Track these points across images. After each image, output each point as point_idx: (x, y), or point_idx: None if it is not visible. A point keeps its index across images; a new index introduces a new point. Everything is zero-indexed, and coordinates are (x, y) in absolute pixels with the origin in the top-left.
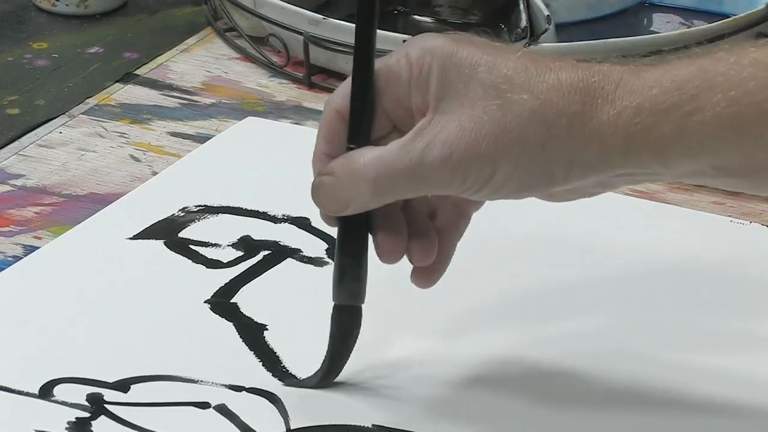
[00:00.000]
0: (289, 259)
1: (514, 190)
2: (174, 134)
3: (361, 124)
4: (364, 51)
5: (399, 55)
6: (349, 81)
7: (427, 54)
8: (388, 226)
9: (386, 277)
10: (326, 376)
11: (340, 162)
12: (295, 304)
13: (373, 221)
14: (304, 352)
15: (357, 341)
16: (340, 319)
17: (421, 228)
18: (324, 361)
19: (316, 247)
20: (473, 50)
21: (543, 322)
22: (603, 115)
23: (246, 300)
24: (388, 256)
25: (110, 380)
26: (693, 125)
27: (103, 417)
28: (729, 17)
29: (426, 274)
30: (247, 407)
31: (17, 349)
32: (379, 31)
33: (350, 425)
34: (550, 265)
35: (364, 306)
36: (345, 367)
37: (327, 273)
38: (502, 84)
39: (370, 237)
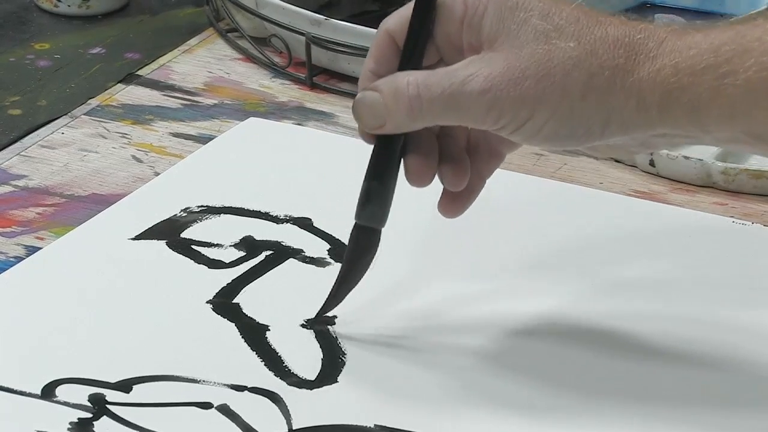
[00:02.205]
0: (291, 260)
1: (550, 138)
2: (176, 135)
3: (414, 52)
4: None
5: None
6: (407, 6)
7: None
8: (420, 149)
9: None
10: (333, 297)
11: (386, 80)
12: (297, 305)
13: (407, 143)
14: (306, 353)
15: (369, 268)
16: (358, 239)
17: (455, 154)
18: (335, 281)
19: (318, 248)
20: None
21: (542, 323)
22: (643, 71)
23: (248, 300)
24: (416, 177)
25: (112, 380)
26: (725, 88)
27: (105, 417)
28: (731, 17)
29: (453, 202)
30: (250, 407)
31: (19, 350)
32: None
33: (353, 425)
34: (550, 266)
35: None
36: (347, 365)
37: (329, 273)
38: (552, 31)
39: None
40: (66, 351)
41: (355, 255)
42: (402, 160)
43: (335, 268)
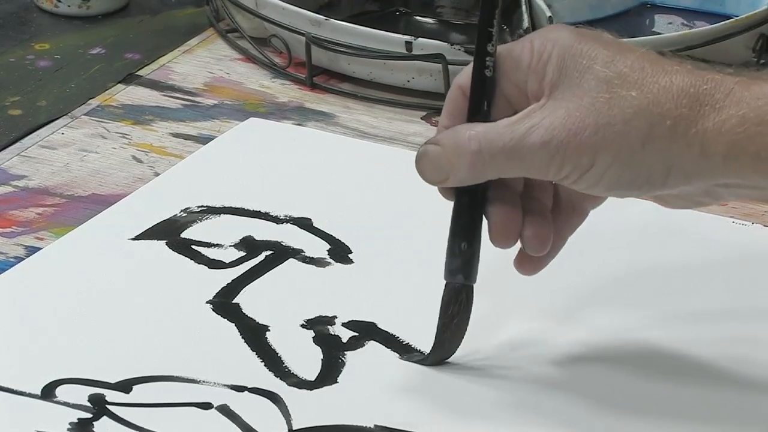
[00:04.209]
0: (291, 260)
1: (612, 186)
2: (176, 135)
3: (479, 103)
4: (482, 33)
5: (523, 42)
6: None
7: (549, 42)
8: (503, 209)
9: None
10: (432, 355)
11: (448, 133)
12: (297, 305)
13: (489, 203)
14: (306, 353)
15: (467, 323)
16: (449, 296)
17: (539, 216)
18: (435, 339)
19: (318, 248)
20: (594, 44)
21: (540, 323)
22: (708, 121)
23: (248, 300)
24: (500, 238)
25: (112, 381)
26: None
27: (105, 418)
28: (731, 18)
29: (531, 261)
30: (249, 407)
31: (19, 350)
32: (380, 32)
33: (352, 425)
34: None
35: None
36: (347, 366)
37: (329, 274)
38: (614, 79)
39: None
40: (66, 351)
41: (447, 315)
42: (486, 218)
43: (335, 268)
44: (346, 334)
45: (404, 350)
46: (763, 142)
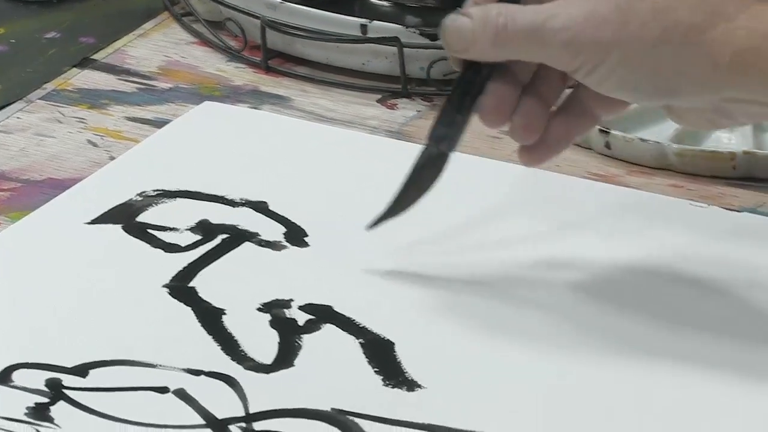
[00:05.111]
0: (247, 243)
1: (621, 85)
2: (132, 119)
3: None
4: None
5: None
6: None
7: None
8: (501, 91)
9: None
10: (387, 213)
11: (479, 7)
12: (253, 288)
13: (490, 82)
14: (263, 336)
15: (428, 191)
16: (424, 157)
17: (534, 108)
18: (393, 196)
19: (274, 231)
20: None
21: (503, 304)
22: (718, 31)
23: (204, 284)
24: (488, 117)
25: (69, 365)
26: None
27: (62, 402)
28: None
29: (531, 152)
30: (206, 391)
31: None
32: (335, 15)
33: (309, 409)
34: (503, 249)
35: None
36: (303, 349)
37: (285, 257)
38: None
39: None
40: (22, 336)
41: (417, 174)
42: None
43: (291, 251)
44: (302, 318)
45: (360, 333)
46: (767, 56)
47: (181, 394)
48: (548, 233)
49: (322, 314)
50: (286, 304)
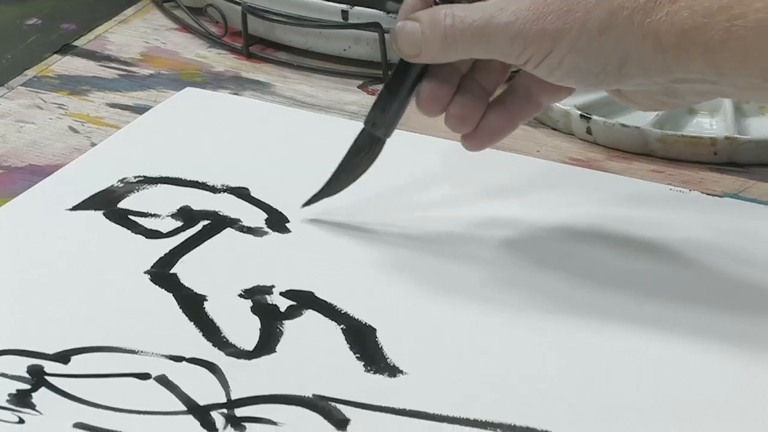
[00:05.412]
0: (228, 229)
1: (570, 73)
2: (112, 105)
3: None
4: None
5: None
6: None
7: None
8: (437, 81)
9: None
10: (321, 193)
11: (426, 11)
12: (234, 274)
13: (427, 72)
14: (244, 323)
15: (365, 172)
16: (359, 140)
17: (471, 97)
18: (329, 178)
19: (255, 217)
20: None
21: (487, 290)
22: (662, 12)
23: (185, 270)
24: (425, 107)
25: (50, 352)
26: (737, 30)
27: (43, 389)
28: None
29: (473, 137)
30: (188, 378)
31: None
32: (316, 1)
33: (291, 395)
34: (483, 235)
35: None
36: (285, 335)
37: (266, 243)
38: None
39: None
40: (4, 322)
41: (352, 157)
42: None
43: (272, 237)
44: (284, 304)
45: (342, 319)
46: (709, 34)
47: (163, 381)
48: (530, 218)
49: (303, 300)
50: (268, 290)
